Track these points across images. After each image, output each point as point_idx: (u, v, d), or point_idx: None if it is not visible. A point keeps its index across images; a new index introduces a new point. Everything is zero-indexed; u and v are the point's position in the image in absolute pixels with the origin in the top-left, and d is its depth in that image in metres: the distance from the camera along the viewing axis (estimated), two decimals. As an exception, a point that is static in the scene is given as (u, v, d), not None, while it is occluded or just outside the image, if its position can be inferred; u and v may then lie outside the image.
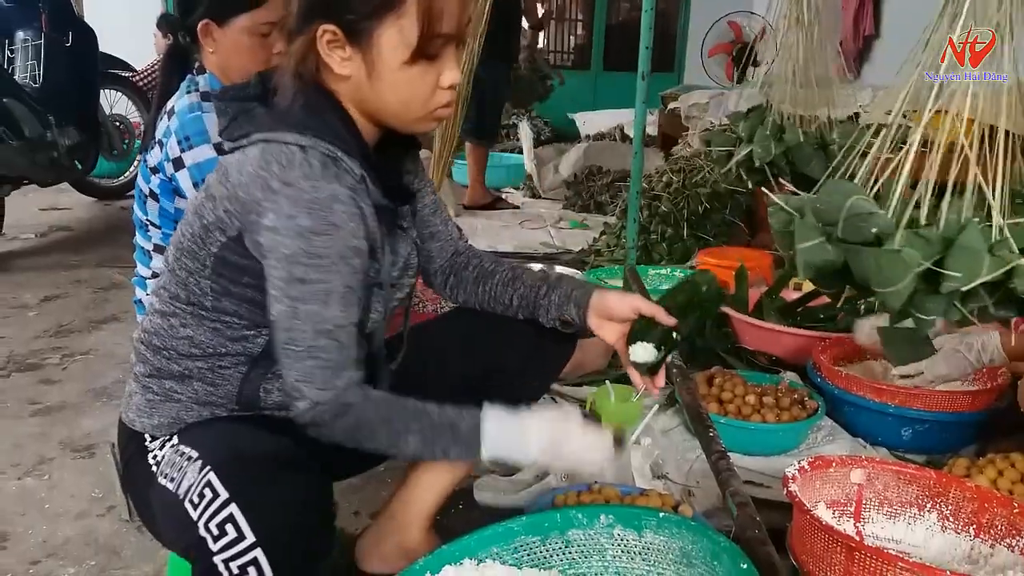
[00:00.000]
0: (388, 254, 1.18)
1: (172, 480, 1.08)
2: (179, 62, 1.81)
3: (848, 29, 5.30)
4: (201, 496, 1.02)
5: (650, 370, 1.27)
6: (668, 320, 1.23)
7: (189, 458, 1.08)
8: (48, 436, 2.00)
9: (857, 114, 2.38)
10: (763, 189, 1.46)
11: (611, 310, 1.28)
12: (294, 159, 1.05)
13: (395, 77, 1.07)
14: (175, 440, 1.15)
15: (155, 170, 1.74)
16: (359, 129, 1.13)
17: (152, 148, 1.77)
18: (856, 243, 1.11)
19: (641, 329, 1.27)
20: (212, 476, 1.03)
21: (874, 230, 1.08)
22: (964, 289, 1.05)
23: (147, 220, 1.78)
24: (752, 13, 5.60)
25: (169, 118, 1.72)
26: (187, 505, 1.03)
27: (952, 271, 1.04)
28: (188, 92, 1.72)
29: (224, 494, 1.02)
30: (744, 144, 2.28)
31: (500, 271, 1.36)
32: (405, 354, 1.36)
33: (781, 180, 2.19)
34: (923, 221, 1.12)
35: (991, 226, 1.08)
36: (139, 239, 1.84)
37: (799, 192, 1.25)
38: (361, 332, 1.18)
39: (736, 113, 2.51)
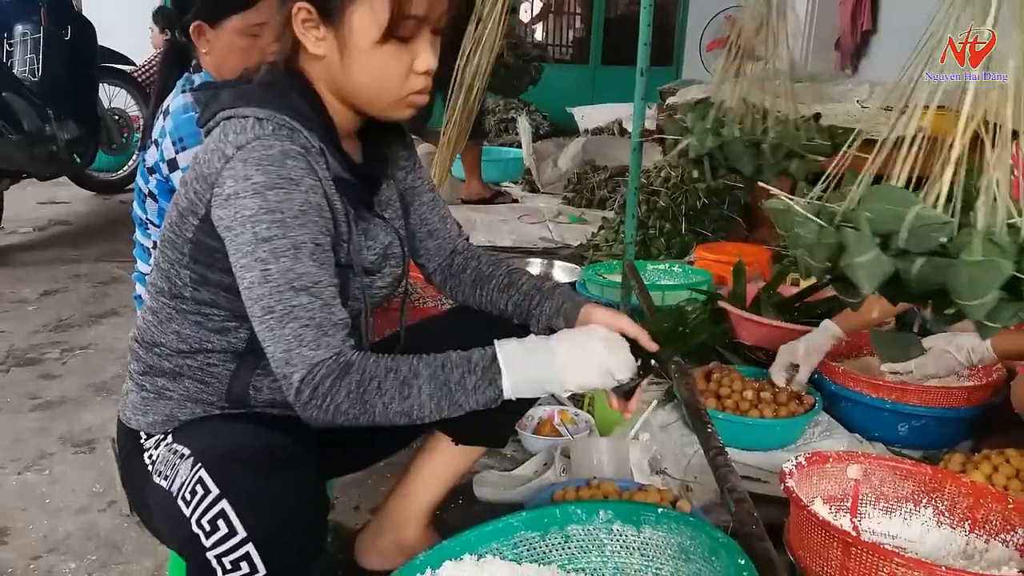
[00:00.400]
0: (358, 236, 1.16)
1: (166, 478, 1.08)
2: (177, 59, 1.81)
3: (846, 24, 5.30)
4: (193, 493, 1.03)
5: (625, 394, 1.22)
6: (650, 345, 1.20)
7: (181, 456, 1.09)
8: (48, 431, 2.01)
9: (819, 115, 2.37)
10: (763, 185, 1.44)
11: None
12: (247, 125, 1.06)
13: (367, 57, 1.06)
14: (169, 439, 1.15)
15: (152, 170, 1.74)
16: (327, 109, 1.12)
17: (149, 148, 1.77)
18: (923, 253, 1.03)
19: None
20: (203, 473, 1.03)
21: (943, 239, 1.01)
22: None
23: (146, 219, 1.79)
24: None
25: (164, 118, 1.72)
26: (180, 503, 1.04)
27: None
28: (183, 91, 1.73)
29: (215, 490, 1.02)
30: (687, 134, 2.26)
31: (497, 275, 1.34)
32: (401, 351, 1.36)
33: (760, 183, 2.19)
34: (980, 221, 1.07)
35: None
36: (139, 236, 1.85)
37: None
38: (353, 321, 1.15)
39: (685, 103, 2.49)
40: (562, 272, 3.25)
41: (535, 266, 3.35)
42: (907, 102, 1.10)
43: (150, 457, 1.15)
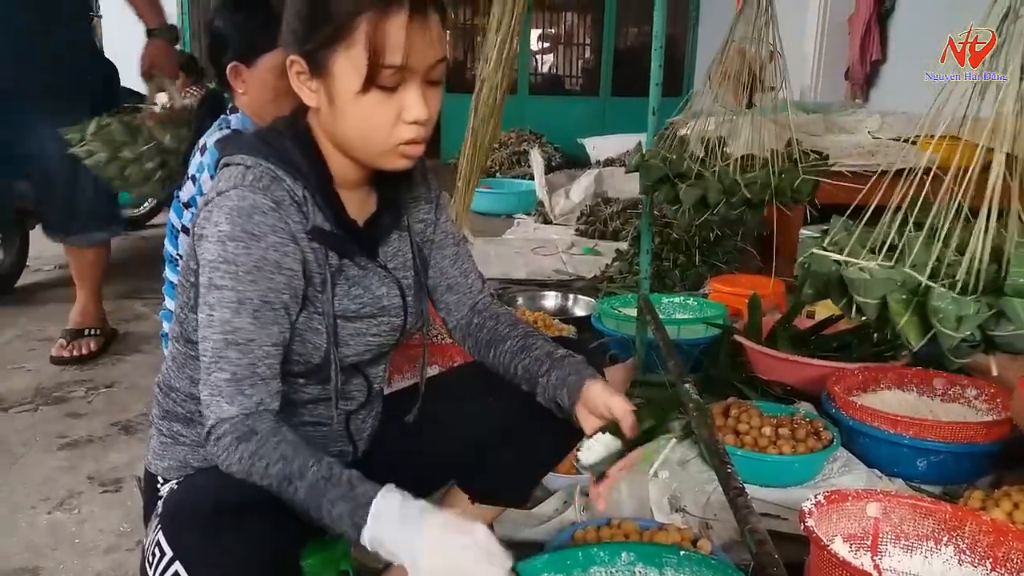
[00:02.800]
0: (343, 284, 1.18)
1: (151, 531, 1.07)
2: (212, 108, 1.87)
3: (855, 54, 5.35)
4: (154, 554, 1.02)
5: (597, 475, 1.18)
6: (628, 431, 1.16)
7: (158, 512, 1.07)
8: (77, 470, 2.04)
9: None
10: (820, 249, 1.43)
11: (590, 403, 1.22)
12: (233, 174, 1.10)
13: (351, 107, 1.09)
14: (175, 487, 1.18)
15: (187, 205, 1.79)
16: (324, 159, 1.15)
17: (185, 183, 1.83)
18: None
19: (606, 428, 1.19)
20: (160, 535, 1.02)
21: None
22: None
23: (177, 255, 1.83)
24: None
25: (201, 154, 1.78)
26: (146, 563, 1.03)
27: None
28: (220, 129, 1.79)
29: (168, 552, 1.01)
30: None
31: (512, 336, 1.32)
32: (420, 406, 1.38)
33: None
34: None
35: None
36: (168, 273, 1.90)
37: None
38: (324, 368, 1.17)
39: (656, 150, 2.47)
40: (579, 306, 3.29)
41: (550, 299, 3.39)
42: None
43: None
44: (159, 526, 1.03)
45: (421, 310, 1.32)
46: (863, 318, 1.22)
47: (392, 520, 0.97)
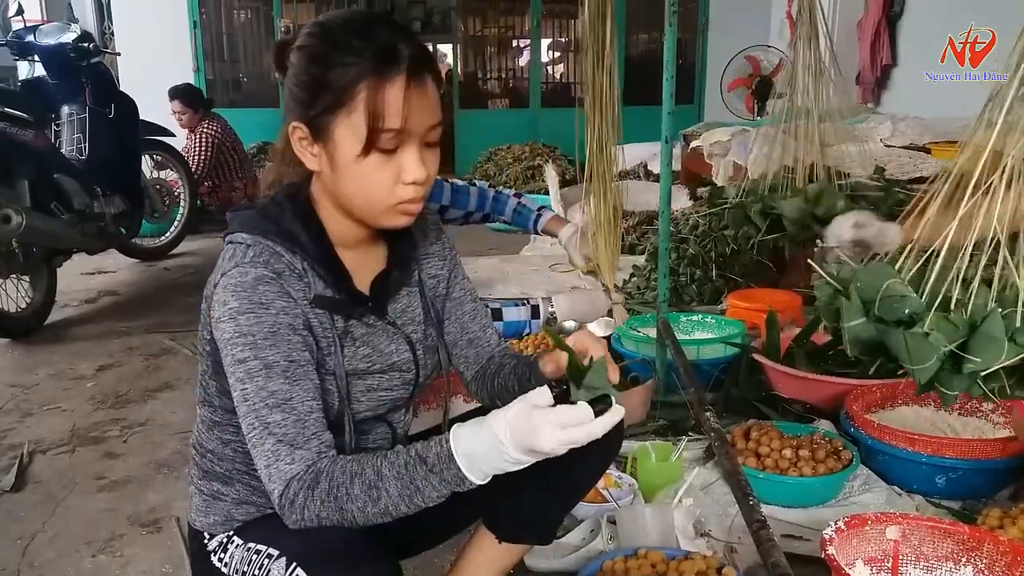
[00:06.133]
0: (351, 346, 1.22)
1: None
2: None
3: (866, 58, 5.37)
4: None
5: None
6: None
7: (270, 556, 1.15)
8: (117, 511, 2.11)
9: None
10: (812, 263, 1.53)
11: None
12: (236, 251, 1.16)
13: (353, 170, 1.13)
14: (237, 539, 1.23)
15: None
16: (324, 227, 1.20)
17: None
18: (891, 322, 1.20)
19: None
20: (300, 571, 1.09)
21: (907, 311, 1.18)
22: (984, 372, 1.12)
23: None
24: (769, 47, 5.69)
25: None
26: None
27: (974, 355, 1.12)
28: None
29: None
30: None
31: (511, 361, 1.38)
32: None
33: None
34: (953, 303, 1.19)
35: (1017, 311, 1.15)
36: None
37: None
38: (338, 424, 1.21)
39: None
40: (598, 326, 3.32)
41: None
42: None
43: (221, 561, 1.23)
44: (296, 565, 1.10)
45: (435, 362, 1.37)
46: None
47: (471, 444, 1.04)
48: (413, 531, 1.40)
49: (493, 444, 1.03)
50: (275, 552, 1.15)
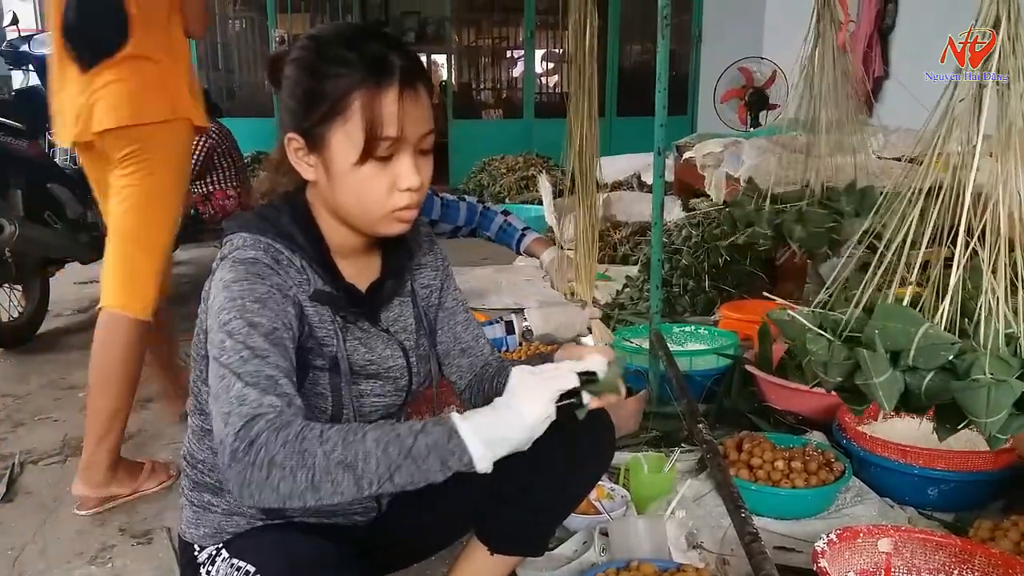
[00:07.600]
0: (352, 342, 1.23)
1: None
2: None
3: (858, 70, 5.39)
4: None
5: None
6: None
7: (247, 573, 1.15)
8: (108, 522, 2.10)
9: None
10: (772, 318, 1.41)
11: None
12: (234, 243, 1.17)
13: (349, 178, 1.14)
14: (224, 553, 1.22)
15: None
16: (320, 231, 1.22)
17: None
18: (929, 370, 1.09)
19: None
20: None
21: (951, 358, 1.07)
22: None
23: None
24: (762, 58, 5.72)
25: None
26: None
27: None
28: None
29: None
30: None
31: (506, 367, 1.38)
32: None
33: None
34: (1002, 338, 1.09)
35: None
36: None
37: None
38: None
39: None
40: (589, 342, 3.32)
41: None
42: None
43: (209, 572, 1.23)
44: None
45: (428, 371, 1.38)
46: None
47: (472, 414, 1.02)
48: (404, 543, 1.40)
49: (495, 405, 1.04)
50: (251, 568, 1.15)
